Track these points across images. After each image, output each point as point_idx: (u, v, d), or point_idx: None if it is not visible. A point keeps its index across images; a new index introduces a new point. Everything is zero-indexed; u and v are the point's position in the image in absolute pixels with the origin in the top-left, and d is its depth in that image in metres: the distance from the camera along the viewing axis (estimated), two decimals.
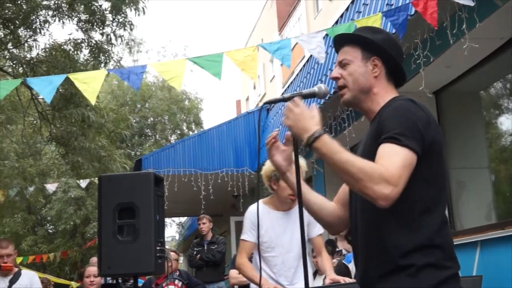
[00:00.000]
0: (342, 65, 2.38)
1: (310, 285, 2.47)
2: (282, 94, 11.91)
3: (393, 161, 2.02)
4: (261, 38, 29.94)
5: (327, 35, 6.92)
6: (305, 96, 2.41)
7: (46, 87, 6.08)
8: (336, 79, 2.39)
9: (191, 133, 29.42)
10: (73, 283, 17.87)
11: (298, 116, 2.19)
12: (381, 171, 1.99)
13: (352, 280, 4.10)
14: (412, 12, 5.98)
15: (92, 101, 6.17)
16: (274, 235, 4.15)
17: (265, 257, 4.18)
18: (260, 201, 4.25)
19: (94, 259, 8.43)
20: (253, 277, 4.15)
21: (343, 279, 4.12)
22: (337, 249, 7.73)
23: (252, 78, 6.21)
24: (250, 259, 4.38)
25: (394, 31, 6.12)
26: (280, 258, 4.16)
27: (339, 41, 2.45)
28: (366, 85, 2.34)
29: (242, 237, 4.31)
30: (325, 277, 4.50)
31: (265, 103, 2.63)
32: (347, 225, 2.47)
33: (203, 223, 8.99)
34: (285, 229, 4.17)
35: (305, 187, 2.48)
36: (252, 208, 4.33)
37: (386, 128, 2.12)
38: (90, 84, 6.06)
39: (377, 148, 2.11)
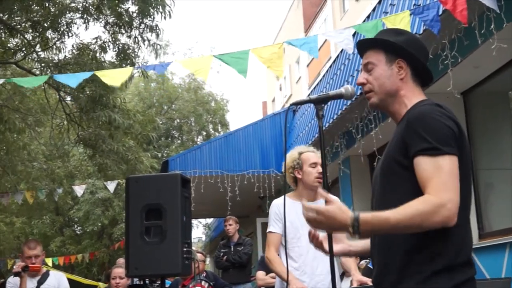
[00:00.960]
0: (367, 69, 2.37)
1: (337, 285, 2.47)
2: (309, 95, 11.94)
3: (439, 178, 2.03)
4: (287, 39, 29.93)
5: (355, 32, 6.89)
6: (332, 98, 2.41)
7: (72, 80, 6.28)
8: (362, 84, 2.38)
9: (217, 134, 29.51)
10: (101, 284, 18.04)
11: (327, 222, 2.10)
12: (431, 202, 2.00)
13: None
14: (441, 12, 5.92)
15: (117, 85, 6.39)
16: (299, 224, 4.09)
17: (291, 249, 4.15)
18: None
19: (121, 260, 8.50)
20: (281, 273, 4.13)
21: (371, 281, 4.07)
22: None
23: (278, 75, 6.22)
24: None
25: (422, 30, 6.06)
26: (306, 248, 4.13)
27: (362, 46, 2.44)
28: (393, 88, 2.33)
29: (269, 229, 4.32)
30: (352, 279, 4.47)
31: (291, 105, 2.62)
32: None
33: (230, 225, 9.01)
34: None
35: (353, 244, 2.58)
36: (276, 200, 4.35)
37: (415, 138, 2.12)
38: (116, 79, 6.22)
39: (401, 152, 2.14)
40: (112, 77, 6.24)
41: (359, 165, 10.24)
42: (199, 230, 34.79)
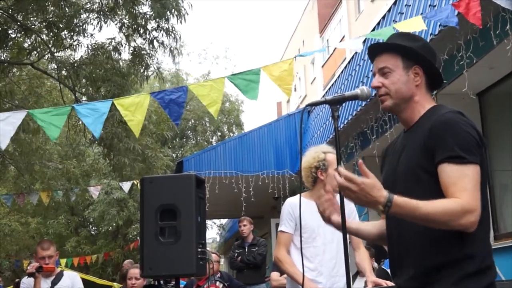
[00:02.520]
0: (383, 73, 2.37)
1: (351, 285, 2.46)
2: (324, 96, 11.90)
3: (465, 185, 2.09)
4: (302, 40, 29.90)
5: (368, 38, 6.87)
6: (347, 99, 2.41)
7: (93, 118, 6.09)
8: (377, 88, 2.38)
9: (231, 135, 29.54)
10: (115, 284, 18.12)
11: (359, 194, 2.11)
12: (460, 204, 2.06)
13: (393, 284, 4.04)
14: (456, 13, 5.88)
15: (136, 133, 6.25)
16: (315, 224, 4.02)
17: (306, 249, 4.06)
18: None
19: (126, 262, 8.49)
20: (294, 274, 4.06)
21: (385, 282, 4.05)
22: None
23: (287, 94, 6.25)
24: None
25: (438, 31, 6.03)
26: (322, 248, 4.09)
27: (376, 49, 2.43)
28: (408, 94, 2.35)
29: (280, 228, 4.24)
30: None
31: (307, 105, 2.62)
32: None
33: (244, 225, 9.01)
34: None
35: (354, 224, 2.65)
36: (290, 200, 4.27)
37: (443, 145, 2.15)
38: (134, 113, 6.11)
39: (426, 157, 2.17)
40: (131, 111, 6.11)
41: (373, 166, 10.13)
42: (213, 230, 34.86)
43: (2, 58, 11.87)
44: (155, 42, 10.82)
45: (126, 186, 14.40)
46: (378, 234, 2.53)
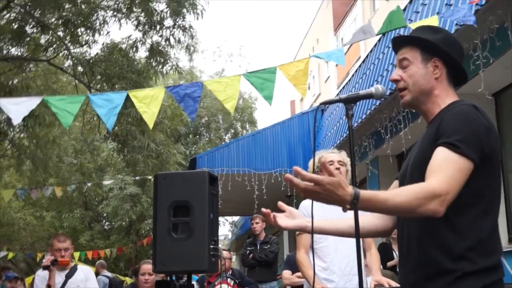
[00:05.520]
0: (402, 66, 2.36)
1: (365, 285, 2.46)
2: (338, 95, 11.87)
3: (445, 170, 2.05)
4: (317, 38, 29.82)
5: (383, 35, 6.85)
6: (362, 97, 2.40)
7: (107, 109, 6.11)
8: (396, 81, 2.37)
9: (245, 132, 29.55)
10: (128, 279, 18.22)
11: (324, 194, 2.03)
12: (431, 189, 2.02)
13: (396, 285, 4.04)
14: (473, 11, 5.84)
15: (150, 125, 6.25)
16: None
17: (319, 248, 4.15)
18: None
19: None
20: (308, 277, 4.15)
21: (387, 282, 4.06)
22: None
23: (302, 94, 6.25)
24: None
25: (454, 30, 5.99)
26: (334, 246, 4.12)
27: (398, 43, 2.42)
28: (427, 87, 2.32)
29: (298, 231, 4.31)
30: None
31: (321, 104, 2.62)
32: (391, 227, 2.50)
33: (256, 223, 9.02)
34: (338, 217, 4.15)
35: (327, 223, 2.59)
36: (304, 202, 4.30)
37: (446, 132, 2.12)
38: (149, 105, 6.12)
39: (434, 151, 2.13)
40: (145, 103, 6.11)
41: (387, 166, 10.17)
42: (225, 228, 34.94)
43: (19, 54, 11.96)
44: (171, 39, 10.86)
45: (138, 182, 14.46)
46: (349, 230, 2.44)
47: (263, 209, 2.44)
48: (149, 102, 6.11)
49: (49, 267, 5.40)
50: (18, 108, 6.06)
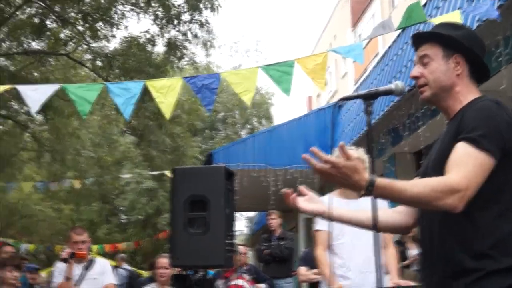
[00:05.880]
0: (422, 63, 2.34)
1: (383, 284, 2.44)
2: (355, 91, 11.76)
3: (465, 165, 2.03)
4: (334, 34, 29.70)
5: (402, 31, 6.79)
6: (381, 93, 2.38)
7: (125, 99, 6.13)
8: (416, 78, 2.35)
9: (261, 128, 29.54)
10: (144, 273, 18.32)
11: (339, 177, 2.04)
12: (449, 183, 2.00)
13: (414, 284, 4.02)
14: (496, 6, 5.76)
15: (167, 115, 6.23)
16: None
17: (336, 245, 4.15)
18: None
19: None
20: (325, 274, 4.18)
21: (406, 283, 4.04)
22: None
23: (321, 88, 6.19)
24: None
25: (475, 26, 5.92)
26: (351, 244, 4.11)
27: (418, 39, 2.40)
28: (448, 84, 2.30)
29: (316, 227, 4.31)
30: None
31: (340, 100, 2.60)
32: (409, 226, 2.46)
33: (272, 219, 9.00)
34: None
35: (346, 212, 2.53)
36: (322, 198, 4.30)
37: (467, 127, 2.10)
38: (166, 95, 6.11)
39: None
40: (162, 93, 6.11)
41: (404, 163, 10.09)
42: (241, 223, 34.99)
43: (39, 48, 12.06)
44: (188, 34, 10.89)
45: (155, 176, 14.53)
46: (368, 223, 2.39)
47: (284, 190, 2.43)
48: (166, 92, 6.10)
49: (67, 260, 5.45)
50: (35, 95, 6.10)
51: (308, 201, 2.49)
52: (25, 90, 6.20)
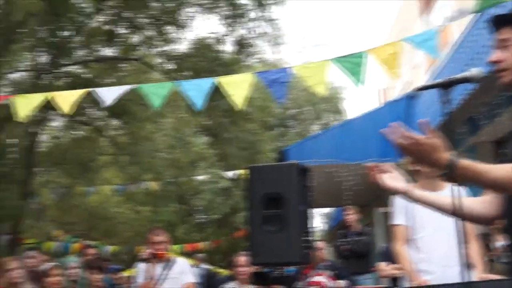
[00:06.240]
0: (502, 46, 2.24)
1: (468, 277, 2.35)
2: (429, 80, 11.45)
3: None
4: (404, 25, 29.08)
5: (477, 15, 6.55)
6: (458, 82, 2.31)
7: (196, 93, 6.25)
8: (495, 62, 2.26)
9: (333, 123, 29.31)
10: (223, 271, 18.54)
11: (420, 153, 2.02)
12: None
13: (502, 277, 3.86)
14: None
15: (239, 106, 6.25)
16: (424, 214, 3.95)
17: (417, 238, 4.07)
18: None
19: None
20: (406, 270, 4.11)
21: (492, 277, 3.89)
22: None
23: (395, 78, 6.06)
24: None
25: None
26: (433, 237, 4.01)
27: (498, 22, 2.30)
28: None
29: (394, 221, 4.22)
30: None
31: (416, 90, 2.54)
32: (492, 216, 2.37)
33: (349, 214, 8.92)
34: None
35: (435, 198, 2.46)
36: None
37: None
38: (237, 89, 6.16)
39: None
40: (233, 87, 6.17)
41: (484, 152, 9.76)
42: (317, 219, 34.88)
43: (111, 54, 12.41)
44: (256, 32, 10.93)
45: (230, 175, 14.67)
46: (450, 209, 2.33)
47: (368, 163, 2.44)
48: (237, 87, 6.15)
49: (148, 260, 5.59)
50: (109, 93, 6.41)
51: (392, 178, 2.43)
52: (99, 91, 6.53)
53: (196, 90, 6.29)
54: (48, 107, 8.02)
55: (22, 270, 5.54)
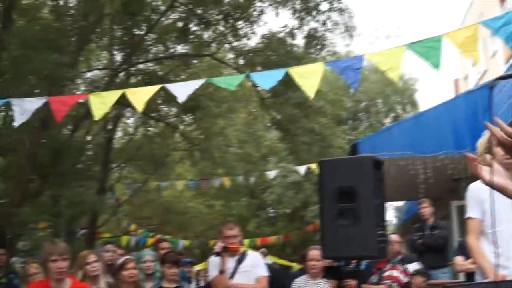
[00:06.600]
0: None
1: None
2: (508, 70, 11.01)
3: None
4: (481, 11, 28.15)
5: None
6: None
7: (267, 81, 6.34)
8: None
9: (406, 115, 28.75)
10: (295, 265, 18.56)
11: None
12: None
13: None
14: None
15: (311, 94, 6.20)
16: (500, 207, 3.81)
17: (492, 233, 3.89)
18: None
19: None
20: (481, 265, 3.96)
21: None
22: None
23: (475, 61, 5.86)
24: None
25: None
26: (509, 231, 3.86)
27: None
28: None
29: (468, 215, 4.09)
30: None
31: (495, 79, 2.44)
32: None
33: (424, 207, 8.74)
34: None
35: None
36: (474, 184, 4.06)
37: None
38: (308, 78, 6.13)
39: None
40: (305, 77, 6.16)
41: None
42: (390, 213, 34.38)
43: (184, 51, 12.61)
44: (328, 23, 10.84)
45: (301, 169, 14.66)
46: None
47: (467, 154, 2.35)
48: (308, 76, 6.13)
49: (221, 254, 5.66)
50: (182, 89, 6.55)
51: (491, 172, 2.35)
52: (173, 86, 6.69)
53: (267, 80, 6.40)
54: (123, 104, 8.24)
55: (99, 264, 5.70)
